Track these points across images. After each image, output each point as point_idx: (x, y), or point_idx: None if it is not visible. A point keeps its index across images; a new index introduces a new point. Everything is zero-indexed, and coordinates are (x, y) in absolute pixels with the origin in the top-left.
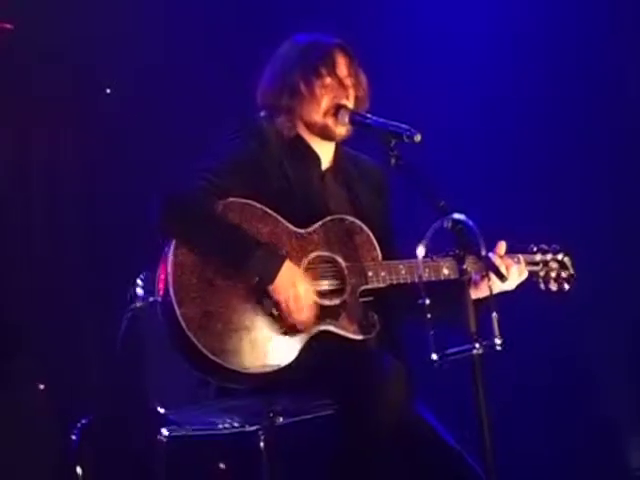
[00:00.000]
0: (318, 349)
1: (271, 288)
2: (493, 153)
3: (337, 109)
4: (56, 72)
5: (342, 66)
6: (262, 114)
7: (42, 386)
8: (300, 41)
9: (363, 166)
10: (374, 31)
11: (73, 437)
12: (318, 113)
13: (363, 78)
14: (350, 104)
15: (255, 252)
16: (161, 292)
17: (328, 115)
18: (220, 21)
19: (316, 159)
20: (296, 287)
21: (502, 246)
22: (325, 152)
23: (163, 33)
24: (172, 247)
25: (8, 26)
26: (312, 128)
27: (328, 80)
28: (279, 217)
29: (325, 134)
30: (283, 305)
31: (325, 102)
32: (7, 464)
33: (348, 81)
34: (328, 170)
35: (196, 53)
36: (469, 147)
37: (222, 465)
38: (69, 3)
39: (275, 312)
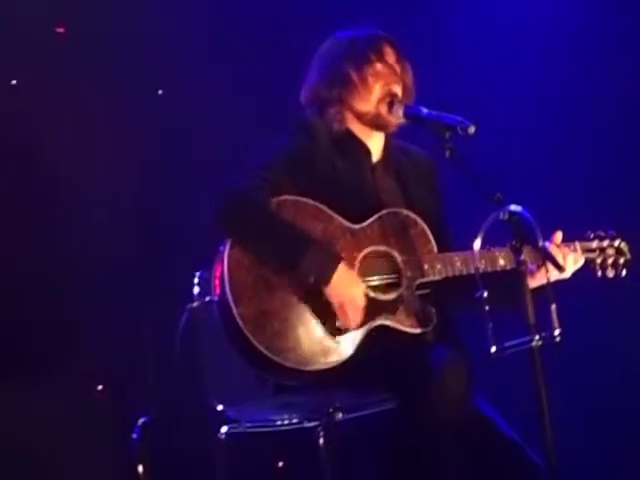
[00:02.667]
0: (376, 344)
1: (326, 289)
2: (548, 143)
3: (391, 102)
4: (108, 73)
5: (390, 54)
6: (311, 110)
7: (101, 387)
8: (345, 35)
9: (413, 158)
10: (425, 22)
11: (134, 436)
12: (370, 102)
13: (409, 68)
14: (400, 92)
15: (310, 252)
16: (217, 291)
17: (381, 103)
18: (271, 22)
19: (366, 152)
20: (351, 290)
21: (559, 236)
22: (375, 144)
23: (214, 34)
24: (228, 246)
25: (60, 30)
26: (363, 119)
27: (379, 66)
28: (332, 213)
29: (377, 123)
30: (336, 307)
31: (377, 90)
32: (69, 465)
33: (397, 67)
34: (379, 163)
35: (248, 54)
36: (523, 138)
37: (281, 463)
38: (122, 5)
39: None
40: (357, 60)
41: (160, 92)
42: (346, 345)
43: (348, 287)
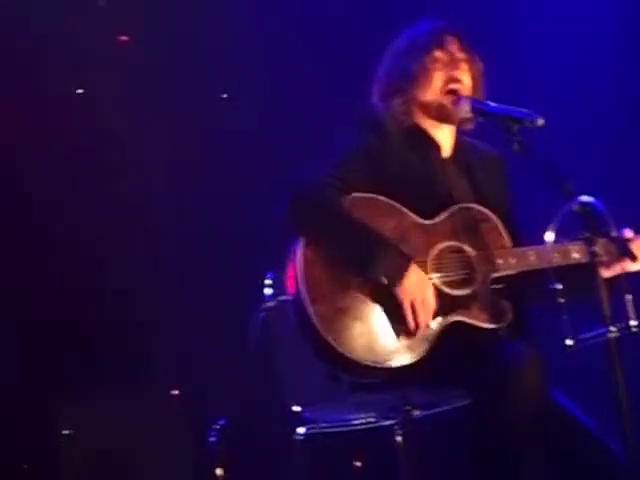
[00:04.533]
0: (450, 340)
1: (397, 290)
2: (617, 133)
3: (454, 91)
4: (171, 79)
5: (452, 42)
6: (379, 107)
7: (176, 392)
8: (410, 31)
9: (483, 154)
10: (495, 16)
11: (211, 439)
12: (432, 91)
13: (477, 59)
14: (466, 81)
15: (382, 254)
16: (291, 291)
17: (444, 92)
18: (334, 23)
19: (437, 147)
20: (422, 291)
21: (628, 231)
22: (444, 139)
23: (276, 36)
24: (301, 245)
25: (124, 38)
26: (428, 110)
27: (438, 54)
28: (404, 209)
29: (442, 115)
30: (406, 307)
31: (438, 77)
32: (148, 469)
33: (460, 56)
34: (449, 158)
35: (312, 54)
36: (593, 128)
37: (358, 463)
38: (183, 10)
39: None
40: (417, 51)
41: (224, 96)
42: (422, 342)
43: (419, 288)
